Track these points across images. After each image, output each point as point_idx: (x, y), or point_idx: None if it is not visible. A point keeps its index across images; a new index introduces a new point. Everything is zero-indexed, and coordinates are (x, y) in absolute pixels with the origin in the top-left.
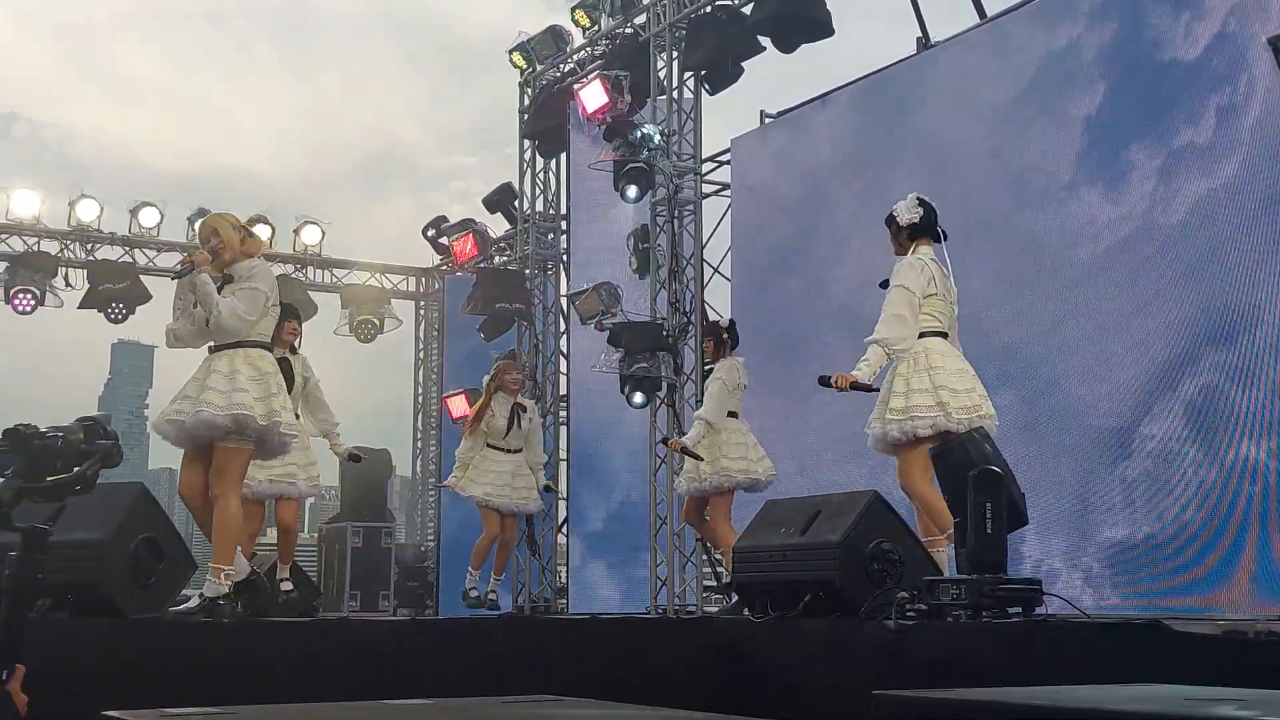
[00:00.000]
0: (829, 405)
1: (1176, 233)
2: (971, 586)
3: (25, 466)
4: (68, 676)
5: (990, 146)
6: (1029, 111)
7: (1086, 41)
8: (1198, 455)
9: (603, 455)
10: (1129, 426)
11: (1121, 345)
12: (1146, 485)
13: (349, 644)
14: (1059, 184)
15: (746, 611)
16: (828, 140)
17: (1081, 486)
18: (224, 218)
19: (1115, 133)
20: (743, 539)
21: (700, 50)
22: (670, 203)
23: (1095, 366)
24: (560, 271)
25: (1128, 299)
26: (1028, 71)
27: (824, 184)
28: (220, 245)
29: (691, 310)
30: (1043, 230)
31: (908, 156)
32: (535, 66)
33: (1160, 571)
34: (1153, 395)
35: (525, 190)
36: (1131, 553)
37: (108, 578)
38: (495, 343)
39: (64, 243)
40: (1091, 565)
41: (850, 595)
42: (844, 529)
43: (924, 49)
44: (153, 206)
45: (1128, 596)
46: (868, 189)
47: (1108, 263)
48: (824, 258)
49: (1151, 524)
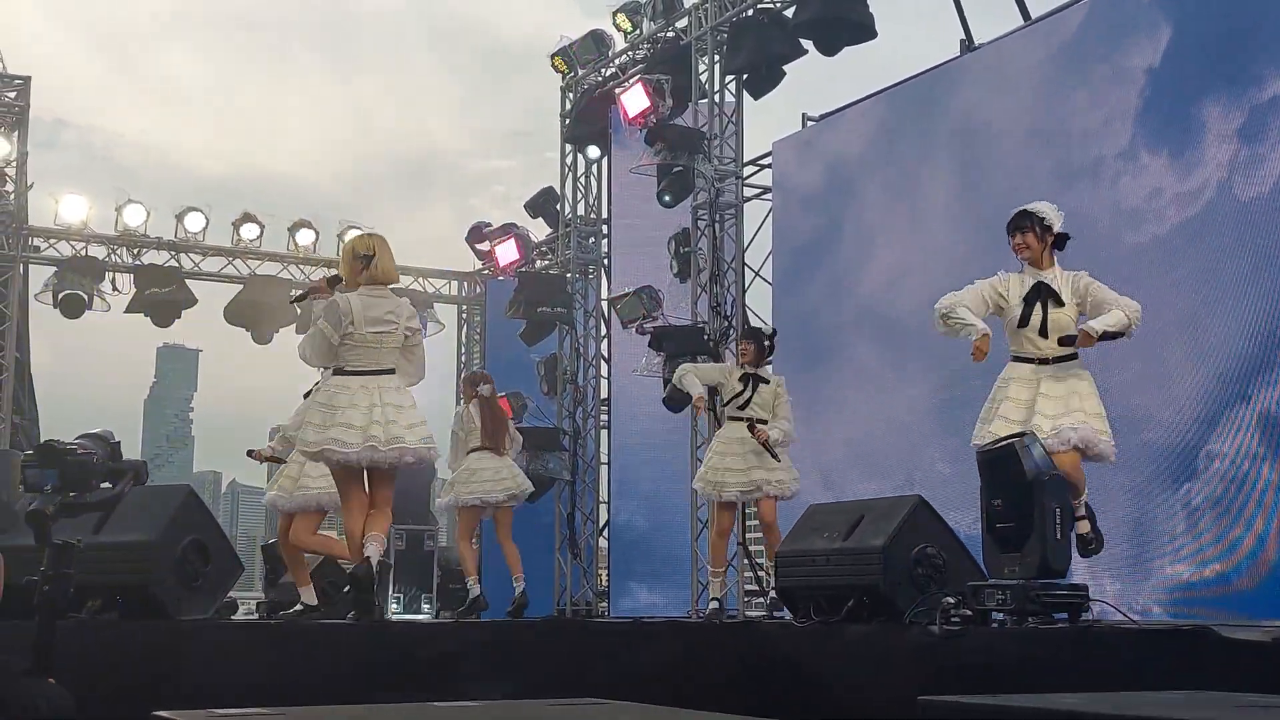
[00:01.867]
0: (857, 413)
1: (1260, 210)
2: (1017, 592)
3: (62, 482)
4: (118, 677)
5: (1030, 111)
6: (1075, 66)
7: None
8: (1275, 478)
9: (643, 460)
10: (1193, 443)
11: (1184, 346)
12: (1215, 513)
13: (393, 646)
14: (1112, 152)
15: (789, 615)
16: (870, 143)
17: (1136, 515)
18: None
19: (1183, 87)
20: (786, 543)
21: (742, 53)
22: (711, 206)
23: (1152, 371)
24: (601, 275)
25: (1193, 291)
26: (1073, 19)
27: (866, 187)
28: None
29: (733, 314)
30: (1091, 209)
31: (950, 159)
32: (577, 71)
33: (1232, 617)
34: (1221, 406)
35: (566, 194)
36: (1197, 593)
37: (155, 579)
38: (536, 347)
39: (111, 247)
40: (1151, 607)
41: (894, 600)
42: (887, 534)
43: (967, 51)
44: (198, 211)
45: None
46: (909, 191)
47: (1170, 247)
48: (863, 261)
49: (1221, 559)
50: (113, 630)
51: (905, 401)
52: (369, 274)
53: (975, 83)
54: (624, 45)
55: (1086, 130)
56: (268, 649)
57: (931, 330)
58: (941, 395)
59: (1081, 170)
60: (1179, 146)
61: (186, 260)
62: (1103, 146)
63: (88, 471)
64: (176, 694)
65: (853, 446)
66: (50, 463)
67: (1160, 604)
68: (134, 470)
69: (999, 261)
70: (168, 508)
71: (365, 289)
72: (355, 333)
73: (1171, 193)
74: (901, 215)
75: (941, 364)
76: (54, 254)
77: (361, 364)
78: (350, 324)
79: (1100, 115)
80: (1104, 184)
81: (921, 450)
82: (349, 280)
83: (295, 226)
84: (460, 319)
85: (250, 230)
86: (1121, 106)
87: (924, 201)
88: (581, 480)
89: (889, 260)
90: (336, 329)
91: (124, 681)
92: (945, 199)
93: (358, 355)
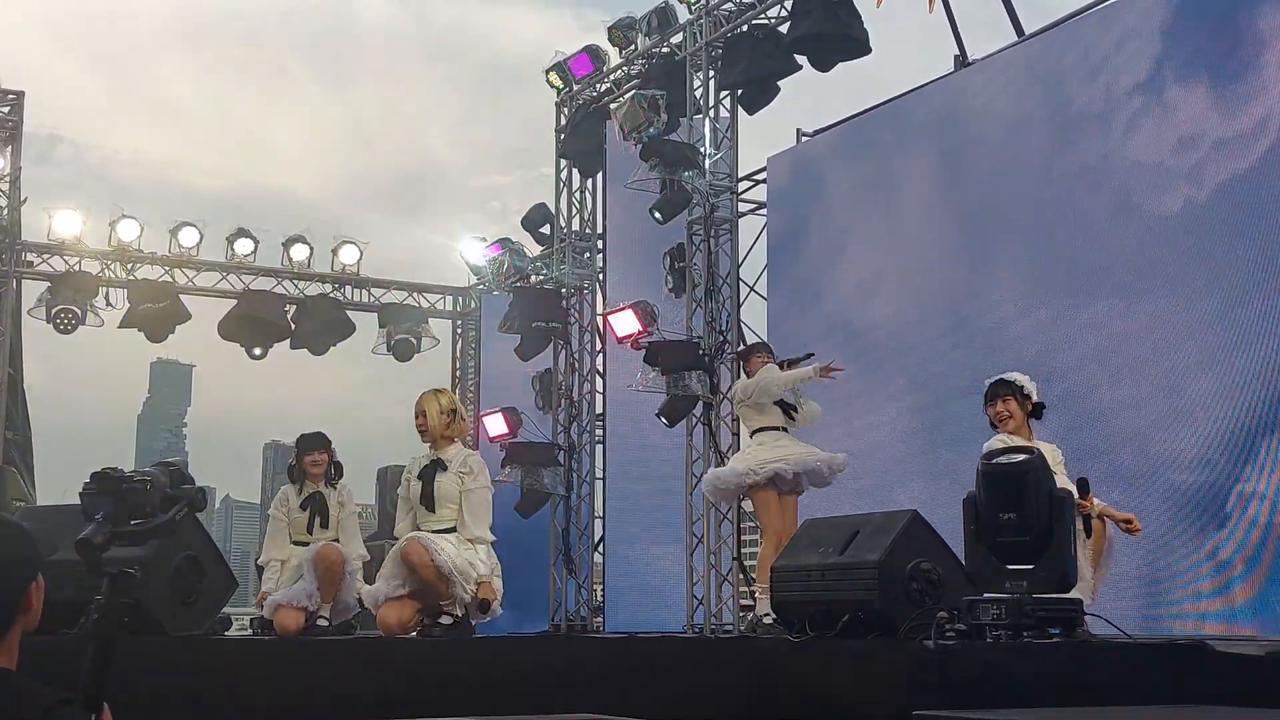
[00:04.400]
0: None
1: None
2: (1012, 606)
3: (114, 510)
4: (111, 694)
5: (1023, 107)
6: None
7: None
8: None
9: (638, 474)
10: (1222, 483)
11: (1206, 363)
12: (1249, 567)
13: (390, 663)
14: (1128, 84)
15: (782, 630)
16: (865, 158)
17: (1153, 567)
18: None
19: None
20: (781, 558)
21: (736, 69)
22: (706, 221)
23: (1173, 396)
24: (596, 290)
25: (1242, 273)
26: (1066, 34)
27: (860, 202)
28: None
29: (728, 329)
30: (1093, 170)
31: (943, 171)
32: (572, 86)
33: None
34: (1257, 439)
35: (561, 209)
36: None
37: (150, 595)
38: (531, 361)
39: (104, 262)
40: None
41: (889, 615)
42: (883, 549)
43: (961, 67)
44: (192, 226)
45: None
46: (906, 207)
47: (1210, 217)
48: (857, 278)
49: (1258, 619)
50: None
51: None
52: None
53: (970, 97)
54: (619, 60)
55: (1093, 62)
56: (262, 665)
57: (914, 351)
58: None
59: (1084, 116)
60: (1225, 71)
61: (180, 275)
62: (1115, 76)
63: (142, 499)
64: (169, 711)
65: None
66: (105, 490)
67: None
68: (189, 499)
69: (994, 271)
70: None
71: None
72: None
73: (1213, 138)
74: (896, 229)
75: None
76: (47, 269)
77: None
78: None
79: (1114, 34)
80: (1115, 131)
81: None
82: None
83: (290, 241)
84: (455, 334)
85: (244, 245)
86: (1142, 18)
87: (921, 216)
88: (576, 495)
89: (878, 272)
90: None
91: (116, 697)
92: (939, 210)
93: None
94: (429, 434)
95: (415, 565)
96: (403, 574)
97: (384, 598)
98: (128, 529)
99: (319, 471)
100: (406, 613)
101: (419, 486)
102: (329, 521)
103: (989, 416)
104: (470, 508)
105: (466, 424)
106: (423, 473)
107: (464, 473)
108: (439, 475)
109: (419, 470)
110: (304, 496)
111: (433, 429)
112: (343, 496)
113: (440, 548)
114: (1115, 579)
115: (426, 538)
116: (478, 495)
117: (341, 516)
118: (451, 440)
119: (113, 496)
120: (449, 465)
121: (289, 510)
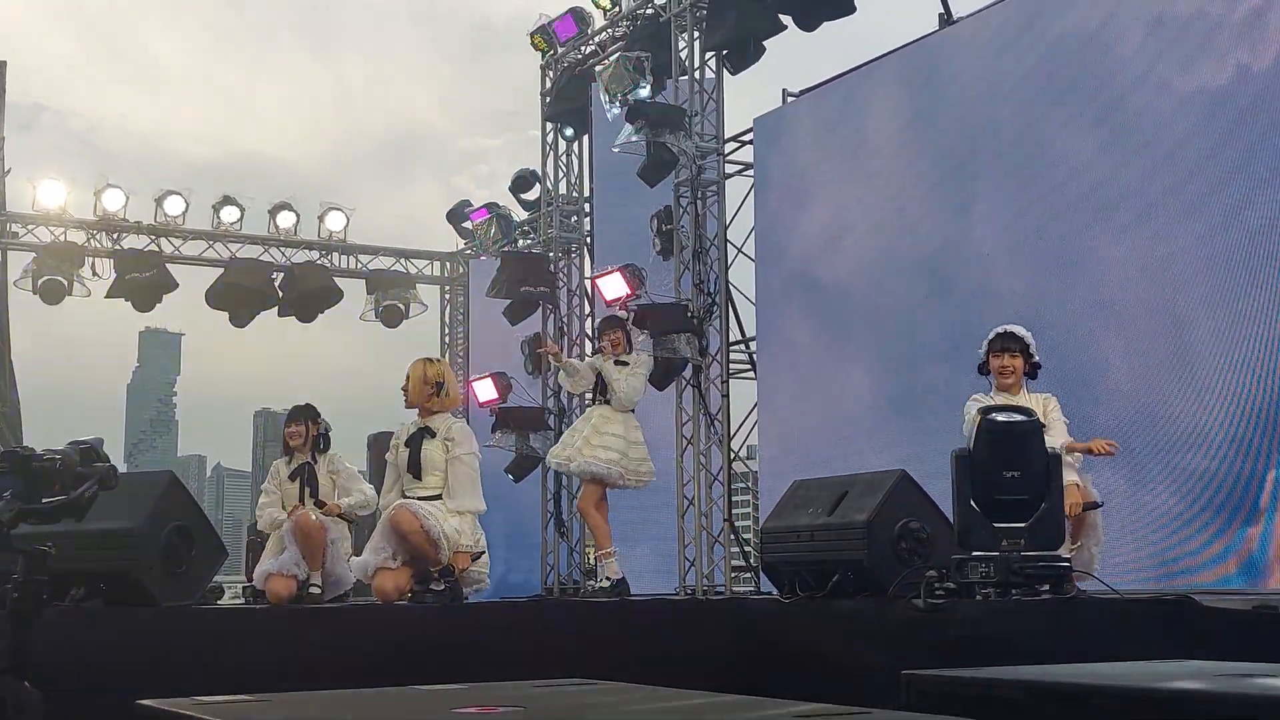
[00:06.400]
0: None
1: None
2: (1000, 564)
3: (24, 488)
4: (102, 664)
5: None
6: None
7: None
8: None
9: None
10: (1254, 470)
11: (1233, 335)
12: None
13: (380, 629)
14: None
15: (775, 591)
16: (851, 118)
17: (1170, 564)
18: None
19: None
20: (770, 519)
21: (721, 30)
22: (693, 184)
23: (1189, 368)
24: (584, 254)
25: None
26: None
27: (847, 162)
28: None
29: (716, 291)
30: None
31: (931, 133)
32: (556, 49)
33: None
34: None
35: (548, 173)
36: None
37: (139, 566)
38: (520, 326)
39: (90, 232)
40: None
41: (878, 575)
42: (871, 509)
43: (946, 24)
44: (178, 195)
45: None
46: (890, 166)
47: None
48: (846, 236)
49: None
50: (97, 617)
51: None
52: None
53: (955, 55)
54: (603, 22)
55: (1080, 9)
56: (253, 634)
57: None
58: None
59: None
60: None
61: (167, 244)
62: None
63: (51, 477)
64: (161, 681)
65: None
66: (15, 468)
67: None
68: (99, 476)
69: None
70: (151, 494)
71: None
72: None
73: (1235, 62)
74: (883, 187)
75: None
76: (33, 240)
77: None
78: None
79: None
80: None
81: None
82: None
83: (276, 209)
84: (443, 299)
85: (230, 213)
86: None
87: (907, 174)
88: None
89: (869, 231)
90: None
91: (108, 668)
92: (927, 168)
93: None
94: (409, 400)
95: (405, 532)
96: (393, 543)
97: (373, 568)
98: (37, 506)
99: (298, 443)
100: (403, 579)
101: (406, 454)
102: (318, 491)
103: (992, 367)
104: (455, 478)
105: (456, 398)
106: (410, 440)
107: (449, 440)
108: (426, 442)
109: (406, 437)
110: (293, 468)
111: (412, 395)
112: (333, 465)
113: (429, 512)
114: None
115: (414, 504)
116: (463, 465)
117: (339, 482)
118: (436, 410)
119: (22, 475)
120: (436, 433)
121: (280, 482)
